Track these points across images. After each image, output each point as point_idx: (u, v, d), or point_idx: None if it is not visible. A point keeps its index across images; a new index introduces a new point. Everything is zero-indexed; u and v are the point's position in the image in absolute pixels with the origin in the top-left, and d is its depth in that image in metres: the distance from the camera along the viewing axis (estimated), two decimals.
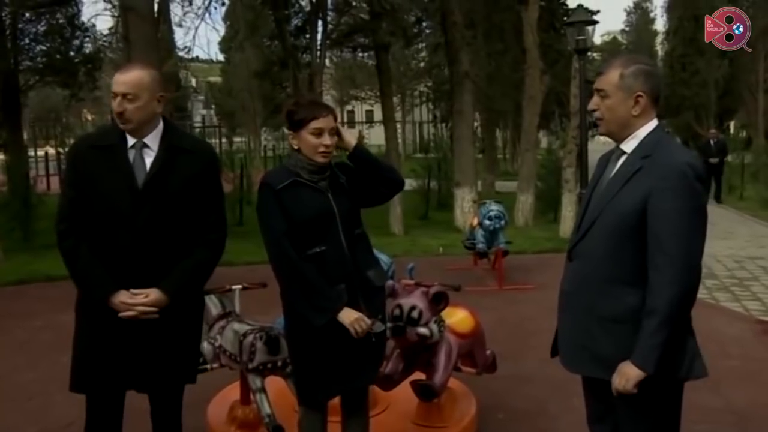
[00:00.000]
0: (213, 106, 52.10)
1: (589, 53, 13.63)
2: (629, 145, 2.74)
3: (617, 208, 2.66)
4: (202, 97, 53.00)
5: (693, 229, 2.57)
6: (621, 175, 2.72)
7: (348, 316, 3.18)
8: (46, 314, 8.24)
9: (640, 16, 59.62)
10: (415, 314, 3.94)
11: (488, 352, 4.85)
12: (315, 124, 3.22)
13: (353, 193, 3.36)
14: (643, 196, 2.59)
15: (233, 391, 4.54)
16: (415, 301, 4.00)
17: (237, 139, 44.78)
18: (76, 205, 3.21)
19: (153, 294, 3.15)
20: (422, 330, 3.95)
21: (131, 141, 3.22)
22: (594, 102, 2.78)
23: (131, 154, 3.21)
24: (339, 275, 3.23)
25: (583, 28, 11.98)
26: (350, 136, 3.38)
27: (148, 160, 3.21)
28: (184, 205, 3.22)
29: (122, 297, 3.13)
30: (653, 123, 2.74)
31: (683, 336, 2.65)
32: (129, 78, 3.19)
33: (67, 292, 8.80)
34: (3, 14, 17.17)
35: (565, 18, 17.72)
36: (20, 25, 18.19)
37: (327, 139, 3.22)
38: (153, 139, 3.24)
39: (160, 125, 3.27)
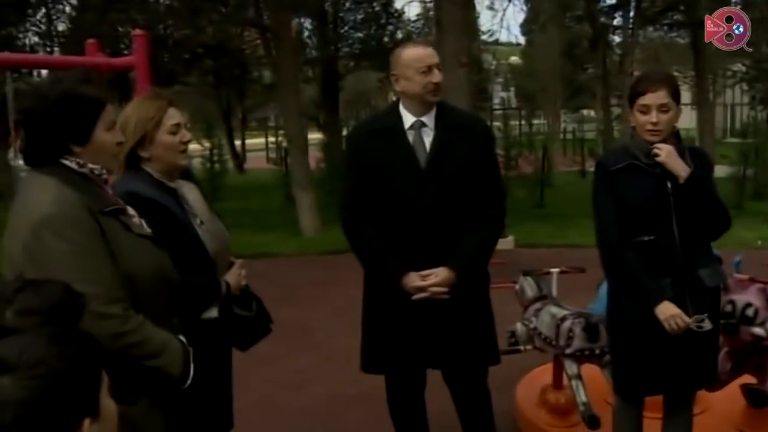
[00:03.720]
0: (512, 89, 52.34)
1: None
2: None
3: None
4: (501, 80, 53.35)
5: None
6: None
7: (665, 310, 3.01)
8: (358, 284, 8.77)
9: None
10: (750, 312, 3.65)
11: None
12: (641, 101, 3.04)
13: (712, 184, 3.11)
14: None
15: (544, 374, 4.52)
16: (750, 297, 3.70)
17: (536, 122, 44.57)
18: (358, 190, 3.29)
19: (442, 273, 3.19)
20: (757, 330, 3.64)
21: (409, 122, 3.26)
22: None
23: (410, 135, 3.25)
24: (666, 268, 3.06)
25: None
26: (679, 165, 3.02)
27: (427, 140, 3.24)
28: (465, 182, 3.22)
29: (413, 279, 3.19)
30: None
31: None
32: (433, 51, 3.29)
33: None
34: (326, 4, 18.55)
35: None
36: (341, 14, 19.56)
37: (653, 117, 3.01)
38: (430, 118, 3.26)
39: None
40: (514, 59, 49.59)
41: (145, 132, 2.58)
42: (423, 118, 3.28)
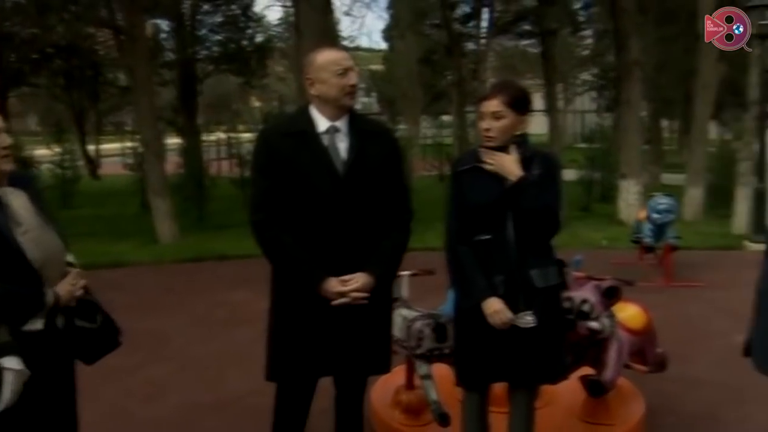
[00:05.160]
0: (374, 94, 52.89)
1: None
2: None
3: None
4: (363, 85, 53.84)
5: None
6: None
7: (489, 306, 3.18)
8: (219, 291, 8.69)
9: None
10: (586, 308, 3.86)
11: (659, 350, 4.68)
12: (479, 108, 3.23)
13: (541, 187, 3.22)
14: None
15: (397, 376, 4.59)
16: (586, 294, 3.92)
17: (400, 127, 45.21)
18: (271, 194, 3.22)
19: (362, 278, 3.19)
20: (593, 324, 3.86)
21: (322, 126, 3.25)
22: None
23: (324, 140, 3.24)
24: (500, 267, 3.21)
25: (765, 11, 11.26)
26: (509, 169, 3.19)
27: (341, 145, 3.24)
28: (379, 188, 3.26)
29: (334, 285, 3.16)
30: None
31: None
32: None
33: (238, 271, 9.32)
34: (183, 7, 18.17)
35: (744, 2, 16.69)
36: (198, 17, 19.22)
37: (486, 123, 3.19)
38: (343, 123, 3.27)
39: None
40: (375, 67, 50.15)
41: None
42: (336, 123, 3.26)
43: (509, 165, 3.18)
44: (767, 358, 2.73)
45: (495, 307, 3.17)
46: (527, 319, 3.19)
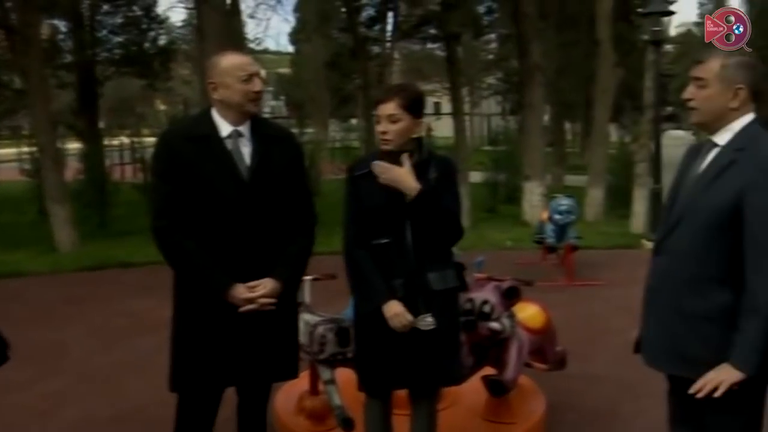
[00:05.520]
0: (282, 98, 52.63)
1: (663, 45, 13.30)
2: (722, 138, 2.64)
3: (708, 204, 2.56)
4: (271, 89, 53.49)
5: None
6: (712, 168, 2.61)
7: (389, 309, 3.17)
8: (120, 299, 8.46)
9: (715, 7, 57.99)
10: (487, 308, 3.91)
11: (558, 348, 4.78)
12: (377, 111, 3.22)
13: (440, 190, 3.23)
14: (736, 192, 2.49)
15: (301, 382, 4.55)
16: (487, 295, 3.97)
17: (308, 130, 45.13)
18: (173, 199, 3.14)
19: (269, 284, 3.15)
20: (494, 325, 3.92)
21: (225, 131, 3.19)
22: (690, 91, 2.67)
23: (228, 144, 3.18)
24: (399, 270, 3.21)
25: (659, 18, 11.71)
26: (405, 183, 3.16)
27: (245, 150, 3.19)
28: (284, 193, 3.23)
29: (242, 291, 3.11)
30: (749, 117, 2.63)
31: None
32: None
33: (140, 278, 9.08)
34: (81, 7, 17.62)
35: (639, 9, 17.31)
36: (98, 18, 18.67)
37: (381, 126, 3.19)
38: (246, 128, 3.22)
39: None
40: (283, 70, 49.91)
41: None
42: (240, 128, 3.20)
43: (404, 179, 3.15)
44: (655, 353, 2.81)
45: (395, 310, 3.17)
46: (427, 321, 3.19)
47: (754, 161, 2.50)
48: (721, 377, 2.47)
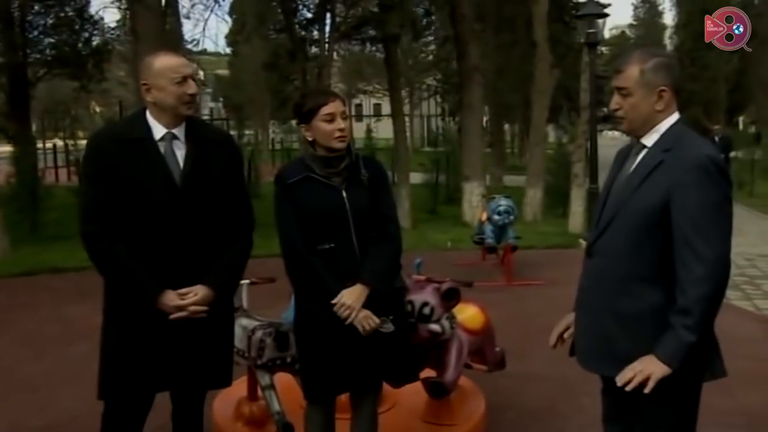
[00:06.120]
0: (221, 99, 52.12)
1: (598, 47, 13.54)
2: (650, 139, 2.67)
3: (638, 204, 2.59)
4: (210, 90, 52.94)
5: (719, 224, 2.49)
6: (641, 169, 2.64)
7: (357, 312, 3.12)
8: (52, 306, 8.25)
9: (648, 10, 59.30)
10: (426, 311, 3.89)
11: (498, 349, 4.80)
12: (326, 110, 3.16)
13: (374, 192, 3.25)
14: (665, 191, 2.52)
15: (239, 388, 4.48)
16: (426, 297, 3.94)
17: (248, 132, 44.87)
18: (103, 203, 3.05)
19: (201, 291, 3.07)
20: (434, 327, 3.90)
21: (159, 133, 3.11)
22: (616, 101, 2.69)
23: (161, 147, 3.10)
24: (348, 274, 3.17)
25: (594, 20, 11.91)
26: (354, 299, 3.14)
27: (179, 153, 3.11)
28: (219, 197, 3.16)
29: (172, 298, 3.03)
30: (674, 116, 2.67)
31: (708, 334, 2.59)
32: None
33: (74, 284, 8.84)
34: (11, 7, 17.14)
35: (574, 11, 17.61)
36: (29, 18, 18.17)
37: (340, 123, 3.17)
38: (180, 131, 3.14)
39: None
40: (222, 71, 49.47)
41: None
42: (174, 131, 3.12)
43: (364, 320, 3.14)
44: (588, 354, 2.83)
45: (363, 313, 3.13)
46: (388, 326, 3.18)
47: (680, 161, 2.53)
48: (649, 370, 2.50)
